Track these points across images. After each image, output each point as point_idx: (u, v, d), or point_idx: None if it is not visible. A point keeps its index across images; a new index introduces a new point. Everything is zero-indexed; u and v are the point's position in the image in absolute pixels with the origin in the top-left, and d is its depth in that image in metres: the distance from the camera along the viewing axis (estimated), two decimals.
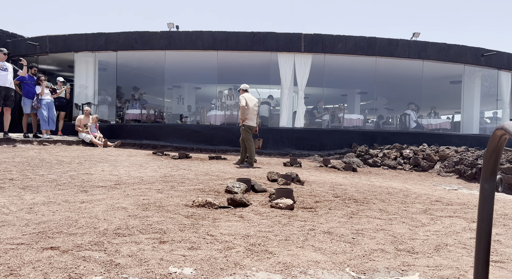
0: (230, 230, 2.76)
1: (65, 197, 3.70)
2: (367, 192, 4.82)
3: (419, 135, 11.26)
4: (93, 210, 3.18)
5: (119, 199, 3.64)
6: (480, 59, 11.79)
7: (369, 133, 11.26)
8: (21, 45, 12.19)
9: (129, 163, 6.51)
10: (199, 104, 16.21)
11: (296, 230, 2.86)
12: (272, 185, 4.85)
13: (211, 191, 4.26)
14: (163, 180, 4.89)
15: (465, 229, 3.11)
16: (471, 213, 3.80)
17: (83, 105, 11.40)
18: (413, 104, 12.80)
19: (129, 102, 12.97)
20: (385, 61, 11.37)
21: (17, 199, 3.57)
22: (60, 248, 2.21)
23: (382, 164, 9.31)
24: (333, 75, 12.79)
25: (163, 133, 10.98)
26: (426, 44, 11.27)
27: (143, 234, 2.55)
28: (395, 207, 3.98)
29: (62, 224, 2.74)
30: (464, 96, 12.49)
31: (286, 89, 10.96)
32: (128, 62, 12.32)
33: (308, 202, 3.95)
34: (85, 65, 11.79)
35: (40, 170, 5.30)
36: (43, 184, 4.33)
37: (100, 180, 4.72)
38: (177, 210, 3.30)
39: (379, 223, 3.21)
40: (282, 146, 10.68)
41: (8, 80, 7.93)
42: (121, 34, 11.23)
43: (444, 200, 4.64)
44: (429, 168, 9.05)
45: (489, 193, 1.46)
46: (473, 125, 12.35)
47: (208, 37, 10.87)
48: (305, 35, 10.82)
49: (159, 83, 13.96)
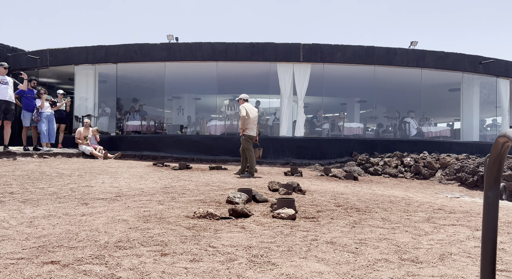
0: (232, 241, 2.74)
1: (65, 210, 3.68)
2: (369, 201, 4.79)
3: (419, 142, 11.26)
4: (94, 223, 3.16)
5: (120, 211, 3.62)
6: (478, 67, 11.86)
7: (369, 142, 11.26)
8: (21, 59, 12.29)
9: (129, 175, 6.49)
10: (199, 114, 16.25)
11: (299, 240, 2.83)
12: (273, 195, 4.82)
13: (212, 202, 4.23)
14: (164, 191, 4.87)
15: (469, 238, 3.08)
16: (475, 221, 3.77)
17: (83, 117, 11.43)
18: (413, 112, 12.83)
19: (129, 113, 13.00)
20: (383, 70, 11.44)
21: (17, 212, 3.55)
22: (60, 263, 2.18)
23: (383, 172, 9.28)
24: (332, 84, 12.86)
25: (163, 144, 10.98)
26: (424, 53, 11.35)
27: (144, 247, 2.53)
28: (397, 215, 3.95)
29: (63, 237, 2.71)
30: (463, 103, 12.54)
31: (285, 99, 11.01)
32: (128, 74, 12.40)
33: (310, 212, 3.92)
34: (85, 78, 11.86)
35: (40, 183, 5.28)
36: (43, 197, 4.31)
37: (101, 193, 4.70)
38: (178, 221, 3.28)
39: (382, 232, 3.18)
40: (283, 155, 10.67)
41: (9, 93, 7.97)
42: (121, 46, 11.33)
43: (447, 208, 4.61)
44: (430, 176, 9.02)
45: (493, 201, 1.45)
46: (473, 132, 12.36)
47: (208, 48, 10.96)
48: (303, 45, 10.91)
49: (159, 94, 14.02)
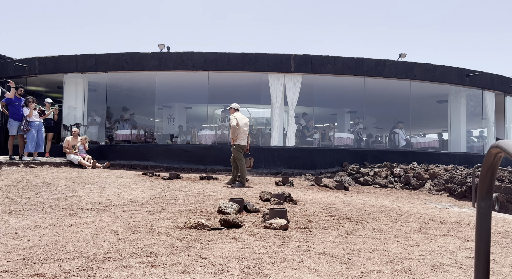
0: (223, 252, 2.69)
1: (52, 221, 3.59)
2: (360, 211, 4.79)
3: (408, 153, 11.38)
4: (82, 234, 3.08)
5: (109, 222, 3.54)
6: (465, 79, 12.13)
7: (360, 152, 11.34)
8: (9, 67, 12.11)
9: (118, 185, 6.39)
10: (189, 124, 16.18)
11: (291, 251, 2.81)
12: (265, 205, 4.79)
13: (203, 212, 4.18)
14: (154, 201, 4.80)
15: (460, 248, 3.09)
16: (465, 231, 3.80)
17: (72, 126, 11.27)
18: (401, 123, 12.99)
19: (118, 122, 12.87)
20: (373, 81, 11.61)
21: (1, 223, 3.44)
22: (46, 275, 2.11)
23: (373, 182, 9.33)
24: (323, 95, 12.97)
25: (153, 153, 10.87)
26: (413, 65, 11.57)
27: (134, 258, 2.47)
28: (389, 226, 3.96)
29: (49, 249, 2.64)
30: (451, 115, 12.76)
31: (276, 109, 11.05)
32: (119, 83, 12.31)
33: (302, 222, 3.90)
34: (75, 86, 11.73)
35: (26, 193, 5.16)
36: (29, 208, 4.20)
37: (89, 203, 4.60)
38: (168, 232, 3.22)
39: (374, 242, 3.18)
40: (274, 165, 10.66)
41: None
42: (112, 55, 11.27)
43: (437, 218, 4.64)
44: (419, 186, 9.10)
45: (486, 212, 1.46)
46: (460, 143, 12.56)
47: (199, 58, 10.98)
48: (294, 56, 11.02)
49: (150, 103, 13.93)
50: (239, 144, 7.15)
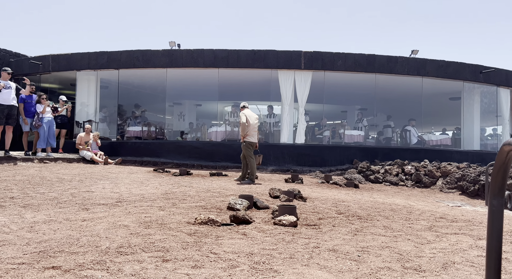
0: (233, 248, 2.72)
1: (66, 215, 3.66)
2: (370, 209, 4.77)
3: (420, 151, 11.25)
4: (95, 228, 3.14)
5: (121, 217, 3.61)
6: (479, 76, 11.91)
7: (370, 149, 11.26)
8: (24, 64, 12.35)
9: (130, 180, 6.48)
10: (199, 120, 16.27)
11: (301, 247, 2.82)
12: (274, 202, 4.81)
13: (213, 208, 4.22)
14: (165, 197, 4.86)
15: (471, 247, 3.06)
16: (477, 230, 3.75)
17: (84, 122, 11.44)
18: (413, 120, 12.84)
19: (130, 119, 13.02)
20: (384, 78, 11.49)
21: (17, 217, 3.54)
22: (62, 268, 2.17)
23: (384, 180, 9.26)
24: (333, 92, 12.90)
25: (163, 150, 10.97)
26: (425, 61, 11.41)
27: (146, 253, 2.51)
28: (399, 224, 3.93)
29: (64, 242, 2.70)
30: (464, 112, 12.56)
31: (286, 106, 11.03)
32: (130, 80, 12.44)
33: (312, 219, 3.90)
34: (87, 83, 11.90)
35: (40, 188, 5.27)
36: (44, 202, 4.30)
37: (101, 198, 4.68)
38: (179, 227, 3.26)
39: (384, 240, 3.17)
40: (283, 162, 10.66)
41: (12, 98, 8.00)
42: (123, 52, 11.39)
43: (449, 217, 4.59)
44: (431, 184, 9.00)
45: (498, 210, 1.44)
46: (473, 141, 12.36)
47: (209, 55, 11.02)
48: (305, 53, 10.97)
49: (160, 100, 14.05)
50: (248, 141, 7.18)
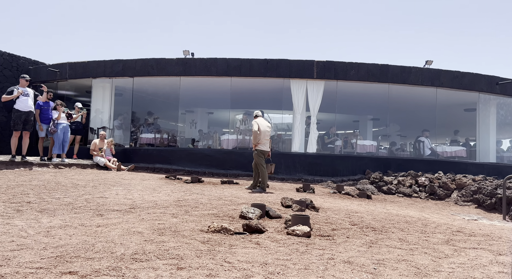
0: (247, 257, 2.70)
1: (81, 221, 3.70)
2: (384, 221, 4.70)
3: (434, 162, 11.07)
4: (109, 234, 3.17)
5: (135, 223, 3.63)
6: (495, 87, 11.72)
7: (383, 160, 11.12)
8: (42, 72, 12.65)
9: (142, 187, 6.53)
10: (211, 128, 16.36)
11: (315, 258, 2.78)
12: (286, 211, 4.77)
13: (225, 216, 4.21)
14: (177, 204, 4.87)
15: (492, 262, 2.98)
16: (497, 245, 3.65)
17: (99, 129, 11.61)
18: (427, 131, 12.67)
19: (143, 126, 13.17)
20: (398, 88, 11.40)
21: (34, 222, 3.59)
22: (78, 273, 2.19)
23: (397, 191, 9.13)
24: (346, 101, 12.84)
25: (175, 157, 11.04)
26: (439, 72, 11.30)
27: (160, 260, 2.52)
28: (415, 236, 3.86)
29: (79, 248, 2.72)
30: (480, 124, 12.34)
31: (298, 115, 11.02)
32: (144, 87, 12.63)
33: (325, 230, 3.86)
34: (102, 91, 12.11)
35: (56, 193, 5.35)
36: (60, 207, 4.35)
37: (115, 204, 4.72)
38: (193, 235, 3.26)
39: (400, 253, 3.11)
40: (294, 171, 10.61)
41: (29, 105, 8.19)
42: (138, 61, 11.58)
43: (466, 230, 4.49)
44: (445, 196, 8.83)
45: None
46: (489, 153, 12.11)
47: (222, 64, 11.12)
48: (317, 62, 10.98)
49: (173, 108, 14.19)
50: (260, 150, 7.18)
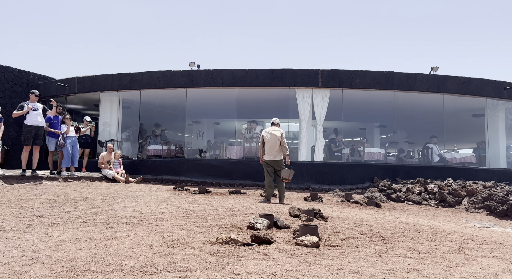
0: (256, 268, 2.70)
1: (90, 234, 3.73)
2: (394, 229, 4.65)
3: (443, 169, 10.96)
4: (119, 247, 3.18)
5: (143, 236, 3.64)
6: (503, 92, 11.63)
7: (391, 167, 11.04)
8: (51, 87, 12.88)
9: (150, 199, 6.56)
10: (218, 138, 16.42)
11: (324, 269, 2.77)
12: (294, 221, 4.75)
13: (234, 227, 4.21)
14: (185, 216, 4.88)
15: (505, 271, 2.93)
16: (509, 253, 3.59)
17: (106, 142, 11.73)
18: (435, 138, 12.58)
19: (150, 138, 13.28)
20: (404, 95, 11.37)
21: (45, 236, 3.62)
22: None
23: (406, 199, 9.03)
24: (352, 109, 12.83)
25: (183, 168, 11.09)
26: (446, 78, 11.26)
27: (170, 272, 2.52)
28: (425, 245, 3.81)
29: (90, 261, 2.75)
30: (489, 129, 12.21)
31: (304, 123, 11.03)
32: (151, 100, 12.77)
33: (334, 240, 3.83)
34: (110, 104, 12.28)
35: (66, 206, 5.40)
36: (69, 221, 4.39)
37: (124, 217, 4.75)
38: (201, 247, 3.27)
39: (411, 262, 3.07)
40: (302, 180, 10.57)
41: (39, 119, 8.34)
42: (145, 73, 11.75)
43: (477, 238, 4.42)
44: (456, 203, 8.71)
45: None
46: (500, 159, 11.95)
47: (228, 75, 11.23)
48: (322, 71, 11.02)
49: (180, 119, 14.31)
50: (265, 159, 7.20)
